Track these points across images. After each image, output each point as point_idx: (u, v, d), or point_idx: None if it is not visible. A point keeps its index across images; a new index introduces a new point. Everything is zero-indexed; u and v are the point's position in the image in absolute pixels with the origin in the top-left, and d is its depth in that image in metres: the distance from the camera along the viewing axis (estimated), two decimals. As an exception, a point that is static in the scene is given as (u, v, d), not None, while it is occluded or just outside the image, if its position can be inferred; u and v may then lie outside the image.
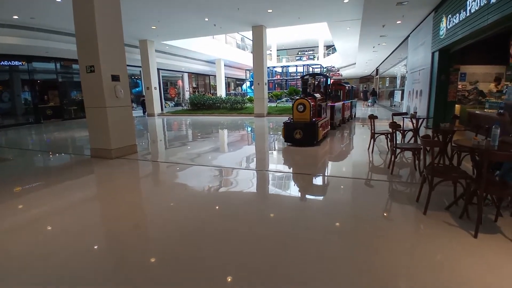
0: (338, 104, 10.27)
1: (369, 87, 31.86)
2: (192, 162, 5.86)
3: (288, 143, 7.17)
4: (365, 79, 37.00)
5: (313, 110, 7.01)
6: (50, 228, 3.12)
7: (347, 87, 11.69)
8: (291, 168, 5.66)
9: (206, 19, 12.55)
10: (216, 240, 2.75)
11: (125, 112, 6.35)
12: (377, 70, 27.50)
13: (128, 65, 7.03)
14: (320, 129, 7.07)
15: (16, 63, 14.43)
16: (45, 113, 15.83)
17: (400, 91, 15.58)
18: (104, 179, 5.11)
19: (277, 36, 30.72)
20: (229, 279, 2.13)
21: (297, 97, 7.31)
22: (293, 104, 7.11)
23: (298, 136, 6.84)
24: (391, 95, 19.31)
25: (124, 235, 2.89)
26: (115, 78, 6.02)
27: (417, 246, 2.60)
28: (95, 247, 2.68)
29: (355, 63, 25.50)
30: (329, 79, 9.68)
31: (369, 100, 23.98)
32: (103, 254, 2.60)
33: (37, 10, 10.16)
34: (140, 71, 18.54)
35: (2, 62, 13.82)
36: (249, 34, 16.70)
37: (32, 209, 3.69)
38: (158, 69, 19.14)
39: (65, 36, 13.07)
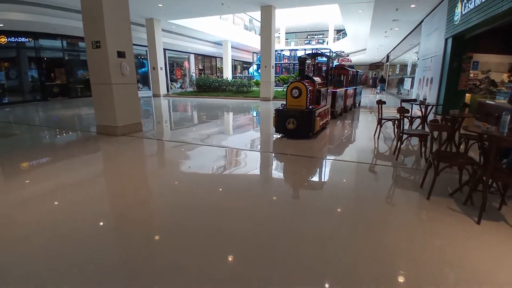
0: (340, 91, 9.26)
1: (379, 74, 31.27)
2: (197, 142, 5.87)
3: (279, 134, 6.27)
4: (375, 65, 36.25)
5: (310, 96, 6.07)
6: (55, 201, 3.18)
7: (350, 72, 10.47)
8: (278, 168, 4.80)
9: (214, -2, 12.26)
10: (218, 216, 2.78)
11: (130, 89, 6.34)
12: (387, 56, 26.89)
13: (134, 44, 6.94)
14: (318, 118, 6.16)
15: (23, 39, 14.34)
16: (52, 91, 15.87)
17: (410, 79, 15.25)
18: (110, 155, 5.16)
19: (286, 19, 30.03)
20: (230, 257, 2.16)
21: (292, 80, 6.42)
22: (287, 88, 6.17)
23: (291, 126, 5.86)
24: (400, 82, 18.93)
25: (128, 210, 2.94)
26: (120, 54, 5.97)
27: (418, 230, 2.60)
28: (100, 222, 2.73)
29: (365, 49, 24.93)
30: (332, 61, 8.46)
31: (378, 87, 23.64)
32: (107, 227, 2.65)
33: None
34: (146, 50, 18.35)
35: (9, 39, 13.75)
36: (257, 15, 16.32)
37: (39, 183, 3.75)
38: (164, 49, 18.93)
39: (72, 13, 12.89)
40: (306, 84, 5.95)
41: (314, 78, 6.67)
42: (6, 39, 13.58)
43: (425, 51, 11.38)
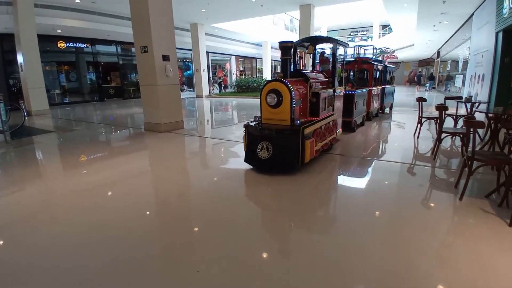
0: (361, 92, 6.82)
1: (428, 71, 29.36)
2: (236, 139, 6.13)
3: (250, 165, 4.05)
4: (425, 62, 34.00)
5: (297, 103, 3.97)
6: (107, 187, 3.65)
7: (376, 66, 8.03)
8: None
9: (254, 0, 12.57)
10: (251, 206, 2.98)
11: (173, 90, 6.86)
12: (438, 52, 25.12)
13: (180, 48, 7.49)
14: (311, 141, 3.85)
15: (81, 45, 15.98)
16: (108, 92, 17.49)
17: (462, 75, 14.17)
18: (154, 149, 5.68)
19: (328, 16, 29.46)
20: (261, 249, 2.35)
21: (269, 79, 4.23)
22: (261, 92, 4.03)
23: (264, 154, 3.76)
24: (449, 79, 17.64)
25: (170, 199, 3.29)
26: (165, 58, 6.50)
27: (447, 231, 2.57)
28: (147, 211, 3.11)
29: (413, 44, 23.55)
30: (344, 48, 5.73)
31: (427, 85, 22.36)
32: (151, 214, 3.02)
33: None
34: (191, 54, 19.34)
35: (68, 44, 15.37)
36: (297, 14, 16.34)
37: (95, 172, 4.31)
38: (207, 52, 19.76)
39: (124, 20, 14.11)
40: (290, 85, 3.78)
41: (309, 74, 4.57)
42: (65, 44, 15.21)
43: (476, 45, 10.57)
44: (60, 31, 13.77)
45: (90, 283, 1.87)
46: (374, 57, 20.55)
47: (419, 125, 5.97)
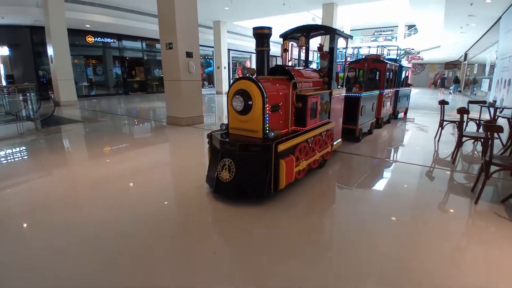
0: (369, 95, 5.87)
1: (454, 74, 28.39)
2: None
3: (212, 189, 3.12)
4: (452, 64, 32.86)
5: (275, 108, 3.10)
6: (130, 176, 3.89)
7: (388, 66, 7.06)
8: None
9: (276, -1, 12.64)
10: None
11: (195, 86, 7.09)
12: (465, 55, 24.24)
13: (202, 45, 7.70)
14: (287, 160, 2.90)
15: (109, 40, 16.61)
16: (132, 86, 18.11)
17: (488, 80, 13.68)
18: (176, 142, 5.93)
19: (352, 15, 28.98)
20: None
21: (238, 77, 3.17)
22: (227, 93, 3.22)
23: (226, 175, 2.92)
24: (474, 83, 17.03)
25: (186, 187, 3.48)
26: (189, 54, 6.72)
27: (458, 232, 2.60)
28: (165, 202, 3.31)
29: (439, 46, 22.84)
30: (347, 41, 4.68)
31: (451, 88, 21.76)
32: (169, 203, 3.21)
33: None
34: (212, 51, 19.65)
35: (96, 38, 16.01)
36: (320, 13, 16.23)
37: (118, 161, 4.58)
38: (229, 50, 20.00)
39: (149, 17, 14.55)
40: (264, 85, 2.91)
41: (295, 71, 3.60)
42: (94, 39, 15.84)
43: (503, 50, 10.19)
44: (89, 26, 14.36)
45: (112, 259, 2.08)
46: (398, 57, 20.08)
47: (440, 128, 5.90)
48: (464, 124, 5.78)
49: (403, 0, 13.91)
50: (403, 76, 8.48)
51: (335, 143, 4.51)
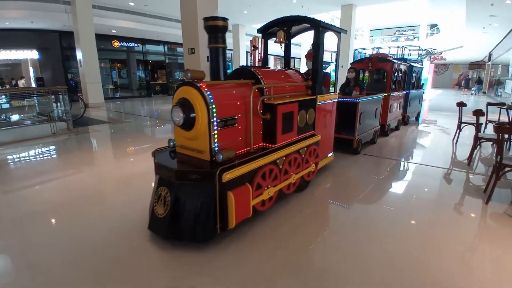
0: (370, 100, 5.07)
1: (479, 74, 27.44)
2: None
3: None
4: (476, 65, 31.68)
5: (230, 122, 2.50)
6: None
7: (395, 66, 6.25)
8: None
9: (294, 1, 12.78)
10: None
11: (215, 89, 7.35)
12: (489, 55, 23.38)
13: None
14: (237, 192, 2.28)
15: (133, 44, 17.32)
16: (154, 89, 18.78)
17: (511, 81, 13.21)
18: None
19: (371, 16, 28.59)
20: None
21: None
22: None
23: (160, 210, 2.33)
24: (499, 84, 16.44)
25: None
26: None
27: (467, 231, 2.69)
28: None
29: (462, 46, 22.16)
30: (336, 35, 3.91)
31: (473, 89, 21.15)
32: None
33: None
34: (231, 54, 20.01)
35: (121, 43, 16.73)
36: (339, 13, 16.22)
37: (142, 160, 4.91)
38: (247, 52, 20.31)
39: (171, 22, 15.07)
40: (210, 92, 2.31)
41: (264, 73, 2.91)
42: (119, 44, 16.57)
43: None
44: (115, 31, 15.05)
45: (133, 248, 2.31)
46: (419, 58, 19.58)
47: (458, 130, 5.86)
48: (483, 126, 5.74)
49: (423, 0, 13.67)
50: (414, 76, 7.78)
51: (324, 158, 3.91)
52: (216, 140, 2.33)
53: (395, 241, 2.40)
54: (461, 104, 5.67)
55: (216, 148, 2.33)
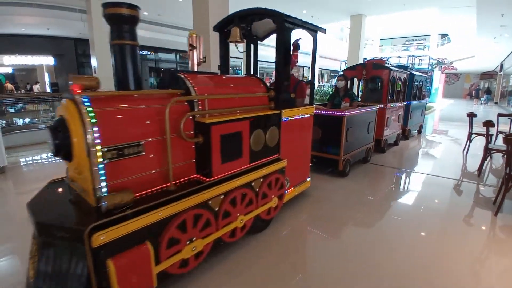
0: (359, 114, 4.41)
1: (491, 84, 27.15)
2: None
3: None
4: (488, 75, 31.30)
5: (133, 150, 1.77)
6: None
7: (393, 74, 5.61)
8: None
9: (304, 11, 12.95)
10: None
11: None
12: (501, 65, 23.11)
13: (232, 57, 8.12)
14: (125, 258, 1.53)
15: (146, 52, 17.73)
16: (165, 96, 19.14)
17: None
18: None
19: (381, 26, 28.69)
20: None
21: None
22: None
23: (31, 271, 1.61)
24: (510, 94, 16.23)
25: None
26: (220, 67, 7.16)
27: (476, 242, 2.69)
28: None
29: (473, 56, 22.00)
30: (311, 33, 3.58)
31: (482, 99, 21.07)
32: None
33: (163, 8, 12.39)
34: (241, 62, 20.28)
35: None
36: (348, 23, 16.36)
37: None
38: (257, 60, 20.56)
39: (183, 31, 15.41)
40: (87, 109, 1.60)
41: (194, 80, 2.22)
42: (133, 53, 16.98)
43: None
44: (130, 40, 15.43)
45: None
46: (430, 68, 19.49)
47: (468, 141, 5.82)
48: (493, 136, 5.69)
49: (433, 9, 13.68)
50: (416, 86, 7.13)
51: (297, 186, 3.14)
52: (102, 178, 1.61)
53: (402, 252, 2.41)
54: (471, 115, 5.63)
55: (104, 189, 1.63)
